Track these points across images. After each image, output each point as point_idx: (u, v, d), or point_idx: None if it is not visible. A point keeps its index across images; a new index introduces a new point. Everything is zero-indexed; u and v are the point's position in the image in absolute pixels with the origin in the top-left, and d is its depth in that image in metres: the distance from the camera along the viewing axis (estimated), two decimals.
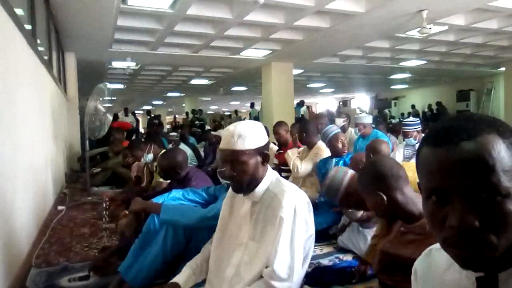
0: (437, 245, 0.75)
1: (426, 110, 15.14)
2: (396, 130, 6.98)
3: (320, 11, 5.05)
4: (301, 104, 12.89)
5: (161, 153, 3.08)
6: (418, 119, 4.12)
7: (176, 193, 2.17)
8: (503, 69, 10.95)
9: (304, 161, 3.42)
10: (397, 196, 1.34)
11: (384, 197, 1.34)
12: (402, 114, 15.73)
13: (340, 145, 3.16)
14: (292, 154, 3.49)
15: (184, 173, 2.57)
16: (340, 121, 4.97)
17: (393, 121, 13.49)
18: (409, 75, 12.35)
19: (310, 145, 3.60)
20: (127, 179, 4.97)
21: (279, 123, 4.29)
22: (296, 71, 9.72)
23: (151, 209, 2.02)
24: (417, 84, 15.56)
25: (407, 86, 16.01)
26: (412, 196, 1.36)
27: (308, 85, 14.07)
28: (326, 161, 3.26)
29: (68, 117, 6.62)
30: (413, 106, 15.44)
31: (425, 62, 9.65)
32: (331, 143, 3.21)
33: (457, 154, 0.57)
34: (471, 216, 0.55)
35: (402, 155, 3.86)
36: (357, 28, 5.81)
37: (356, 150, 4.32)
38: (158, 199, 2.08)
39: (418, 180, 0.65)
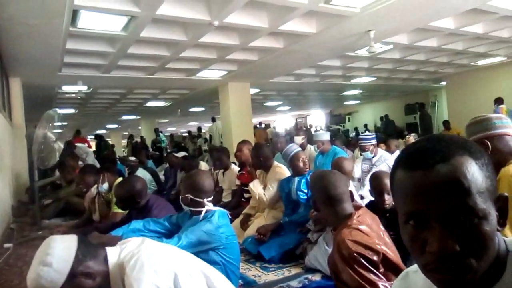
0: (413, 268, 0.75)
1: (379, 123, 15.80)
2: (352, 144, 7.23)
3: (274, 32, 5.17)
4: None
5: (117, 181, 2.94)
6: (374, 133, 4.26)
7: (136, 224, 2.06)
8: (444, 83, 11.77)
9: (267, 189, 3.38)
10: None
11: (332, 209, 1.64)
12: (356, 129, 16.34)
13: (301, 164, 3.18)
14: (255, 187, 3.43)
15: (144, 201, 2.46)
16: (299, 139, 5.03)
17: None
18: (360, 91, 12.91)
19: (267, 168, 3.59)
20: (81, 210, 4.69)
21: (244, 141, 4.30)
22: (253, 91, 9.83)
23: (110, 243, 1.90)
24: (368, 99, 16.29)
25: (359, 101, 16.71)
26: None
27: (265, 104, 14.26)
28: (288, 180, 3.27)
29: (14, 146, 6.19)
30: (365, 125, 16.05)
31: (374, 78, 10.15)
32: (292, 162, 3.23)
33: (433, 177, 0.57)
34: (451, 240, 0.55)
35: (360, 169, 3.97)
36: (309, 48, 6.01)
37: (316, 166, 4.40)
38: (118, 232, 1.96)
39: None
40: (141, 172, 5.34)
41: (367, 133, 4.08)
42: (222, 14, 4.25)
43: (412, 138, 6.48)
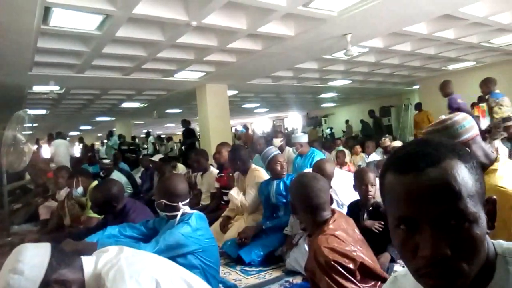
0: (402, 272, 0.75)
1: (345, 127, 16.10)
2: (329, 146, 7.33)
3: (252, 34, 5.17)
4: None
5: (92, 185, 2.84)
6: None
7: (112, 230, 2.00)
8: (417, 86, 12.11)
9: (247, 195, 3.37)
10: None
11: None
12: (331, 128, 16.63)
13: (279, 168, 3.17)
14: (235, 196, 3.41)
15: (120, 206, 2.39)
16: (278, 141, 5.03)
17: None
18: (337, 94, 13.11)
19: (244, 171, 3.57)
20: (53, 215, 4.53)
21: (223, 143, 4.27)
22: (231, 92, 9.80)
23: (86, 250, 1.83)
24: (344, 102, 16.56)
25: (335, 104, 16.96)
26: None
27: (242, 106, 14.25)
28: (267, 183, 3.26)
29: None
30: (347, 121, 16.25)
31: (350, 81, 10.33)
32: (270, 165, 3.22)
33: (424, 181, 0.57)
34: (443, 245, 0.55)
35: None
36: (287, 50, 6.04)
37: (295, 168, 4.42)
38: (93, 238, 1.89)
39: None
40: (116, 175, 5.21)
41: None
42: (201, 14, 4.21)
43: (388, 140, 6.61)
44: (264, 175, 3.43)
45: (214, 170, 4.22)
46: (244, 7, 4.40)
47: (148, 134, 15.09)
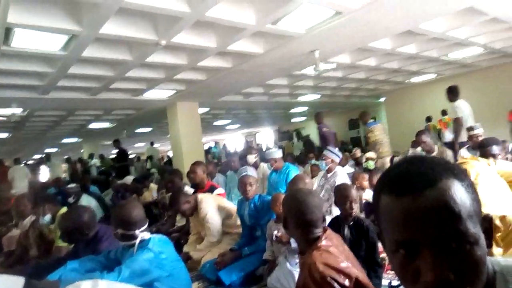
0: None
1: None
2: (302, 160, 7.38)
3: (222, 52, 5.19)
4: None
5: (60, 212, 2.69)
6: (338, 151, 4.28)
7: (73, 264, 1.90)
8: (383, 99, 12.53)
9: (207, 229, 3.20)
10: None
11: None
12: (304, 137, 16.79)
13: (246, 188, 3.09)
14: (204, 246, 3.25)
15: (92, 233, 2.26)
16: (252, 158, 5.02)
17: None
18: (307, 108, 13.33)
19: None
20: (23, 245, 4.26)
21: (198, 162, 4.18)
22: (202, 110, 9.75)
23: None
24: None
25: (305, 118, 17.22)
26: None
27: (214, 123, 14.20)
28: (242, 203, 3.20)
29: None
30: (307, 136, 16.47)
31: (319, 96, 10.55)
32: (239, 186, 3.18)
33: (423, 203, 0.55)
34: (446, 269, 0.53)
35: (317, 184, 4.05)
36: (257, 67, 6.11)
37: (270, 184, 4.40)
38: (54, 275, 1.79)
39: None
40: (85, 199, 5.01)
41: (336, 149, 4.10)
42: (170, 33, 4.19)
43: (358, 151, 6.76)
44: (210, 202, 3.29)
45: (189, 190, 4.12)
46: (213, 26, 4.43)
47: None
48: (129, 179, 5.59)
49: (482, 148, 2.57)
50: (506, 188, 1.89)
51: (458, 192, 0.56)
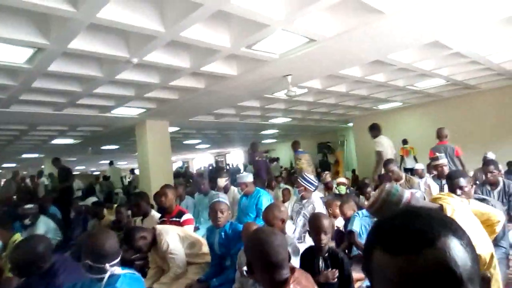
0: None
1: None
2: (269, 185, 7.36)
3: (196, 72, 5.15)
4: None
5: (13, 239, 2.45)
6: (315, 179, 4.18)
7: None
8: (351, 124, 12.86)
9: (170, 260, 2.98)
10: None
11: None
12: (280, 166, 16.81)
13: (216, 215, 2.96)
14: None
15: (47, 265, 2.05)
16: (222, 181, 4.92)
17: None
18: (277, 131, 13.46)
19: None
20: None
21: (169, 185, 4.00)
22: (172, 129, 9.59)
23: None
24: (284, 138, 17.02)
25: (276, 140, 17.37)
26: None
27: (184, 142, 14.01)
28: (211, 231, 3.07)
29: None
30: (277, 159, 16.57)
31: (290, 119, 10.68)
32: (210, 212, 3.05)
33: (421, 265, 0.51)
34: None
35: (291, 209, 3.99)
36: (230, 89, 6.11)
37: (241, 208, 4.32)
38: None
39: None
40: (43, 221, 4.70)
41: (311, 176, 4.02)
42: (142, 52, 4.11)
43: (328, 176, 6.81)
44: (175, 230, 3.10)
45: (155, 214, 3.94)
46: (188, 46, 4.39)
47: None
48: (91, 200, 5.30)
49: (450, 180, 2.63)
50: (480, 227, 1.92)
51: (459, 253, 0.53)
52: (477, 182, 6.24)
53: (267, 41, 4.06)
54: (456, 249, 0.53)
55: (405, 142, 9.99)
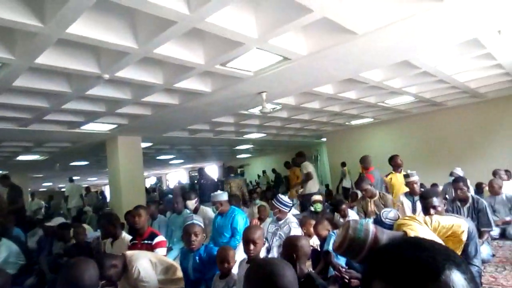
0: None
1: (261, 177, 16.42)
2: (244, 202, 7.30)
3: (169, 89, 5.08)
4: None
5: None
6: (290, 201, 4.15)
7: None
8: (324, 139, 13.05)
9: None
10: None
11: None
12: (250, 182, 16.74)
13: (191, 239, 2.86)
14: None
15: None
16: (192, 203, 4.81)
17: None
18: (252, 146, 13.46)
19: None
20: None
21: (141, 206, 3.84)
22: (145, 144, 9.40)
23: None
24: (259, 153, 17.06)
25: (250, 155, 17.35)
26: None
27: (157, 157, 13.74)
28: (185, 255, 2.96)
29: None
30: (264, 172, 16.51)
31: (265, 134, 10.71)
32: (183, 235, 2.95)
33: None
34: None
35: (267, 231, 3.93)
36: (204, 105, 6.05)
37: (215, 228, 4.22)
38: None
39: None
40: (5, 244, 4.42)
41: (285, 198, 3.98)
42: (114, 68, 4.00)
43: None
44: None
45: (126, 237, 3.76)
46: (161, 63, 4.32)
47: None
48: (57, 220, 5.02)
49: (423, 200, 2.67)
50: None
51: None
52: (447, 196, 6.45)
53: (241, 58, 4.06)
54: (460, 283, 0.52)
55: (344, 164, 10.91)
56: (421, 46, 4.40)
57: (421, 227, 2.02)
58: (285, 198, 4.01)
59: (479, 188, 6.78)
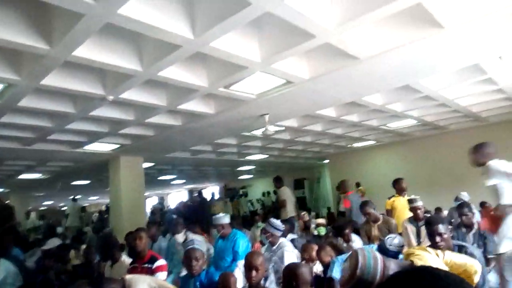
0: None
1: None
2: (248, 223, 7.22)
3: (172, 110, 5.11)
4: None
5: None
6: (281, 225, 4.06)
7: None
8: (327, 161, 13.01)
9: None
10: None
11: None
12: (251, 203, 16.56)
13: (192, 263, 2.83)
14: None
15: None
16: (180, 236, 4.76)
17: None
18: (254, 167, 13.43)
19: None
20: None
21: (143, 229, 3.78)
22: (146, 164, 9.39)
23: None
24: (261, 174, 16.97)
25: (252, 176, 17.28)
26: None
27: (158, 178, 13.70)
28: (186, 279, 2.90)
29: None
30: (268, 193, 16.34)
31: (267, 156, 10.70)
32: (184, 259, 2.90)
33: None
34: None
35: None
36: (207, 127, 6.08)
37: (217, 252, 4.15)
38: None
39: None
40: (4, 265, 4.34)
41: (276, 221, 3.96)
42: (118, 90, 4.05)
43: (306, 215, 6.74)
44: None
45: (126, 260, 3.69)
46: (165, 85, 4.36)
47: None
48: (53, 242, 4.92)
49: (429, 227, 2.62)
50: None
51: None
52: (452, 221, 6.35)
53: (245, 81, 4.11)
54: None
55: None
56: (423, 71, 4.44)
57: (432, 258, 1.96)
58: (276, 221, 3.98)
59: (483, 207, 6.69)
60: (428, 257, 1.94)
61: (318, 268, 3.36)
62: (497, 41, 3.71)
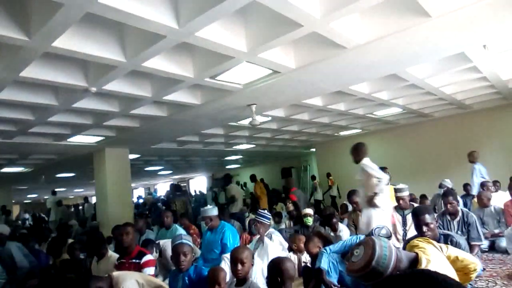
0: None
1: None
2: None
3: (158, 101, 5.02)
4: None
5: None
6: (269, 215, 4.22)
7: None
8: (314, 150, 13.09)
9: None
10: None
11: None
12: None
13: (180, 259, 2.77)
14: None
15: None
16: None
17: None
18: (241, 157, 13.41)
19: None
20: None
21: (130, 224, 3.71)
22: (133, 156, 9.27)
23: None
24: (248, 164, 17.00)
25: (240, 165, 17.28)
26: None
27: (145, 169, 13.58)
28: (174, 276, 2.87)
29: None
30: (245, 184, 16.45)
31: (254, 145, 10.67)
32: (172, 255, 2.88)
33: None
34: None
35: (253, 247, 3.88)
36: (194, 117, 6.01)
37: (205, 244, 4.14)
38: None
39: None
40: None
41: (264, 211, 4.08)
42: (101, 81, 3.94)
43: (291, 205, 6.77)
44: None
45: (113, 255, 3.63)
46: (150, 76, 4.28)
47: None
48: (3, 228, 4.82)
49: (415, 217, 2.65)
50: (455, 276, 1.90)
51: None
52: (436, 207, 6.48)
53: (231, 72, 4.05)
54: None
55: (329, 175, 11.52)
56: (409, 60, 4.45)
57: (435, 252, 1.96)
58: (264, 212, 4.12)
59: (465, 188, 6.87)
60: (432, 251, 1.95)
61: (306, 257, 3.38)
62: (482, 30, 3.73)
